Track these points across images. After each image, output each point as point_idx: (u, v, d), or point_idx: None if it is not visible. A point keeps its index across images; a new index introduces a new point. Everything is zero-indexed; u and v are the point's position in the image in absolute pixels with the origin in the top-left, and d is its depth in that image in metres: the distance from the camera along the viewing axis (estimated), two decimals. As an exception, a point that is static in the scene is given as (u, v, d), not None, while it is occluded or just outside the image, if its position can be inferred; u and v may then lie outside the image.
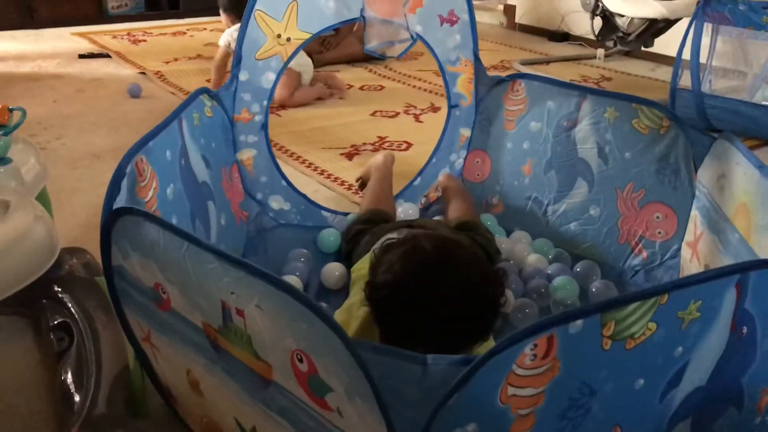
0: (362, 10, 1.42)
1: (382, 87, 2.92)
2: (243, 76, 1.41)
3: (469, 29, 1.52)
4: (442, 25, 1.50)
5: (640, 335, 0.68)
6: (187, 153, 1.19)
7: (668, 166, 1.34)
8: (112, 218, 0.87)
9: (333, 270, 1.34)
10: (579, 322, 0.64)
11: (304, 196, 1.58)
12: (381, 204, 1.49)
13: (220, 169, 1.37)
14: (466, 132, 1.63)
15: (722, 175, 1.20)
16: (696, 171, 1.30)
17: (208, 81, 2.74)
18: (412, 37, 1.47)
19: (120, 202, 0.92)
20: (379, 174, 1.57)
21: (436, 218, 1.54)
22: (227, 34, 2.68)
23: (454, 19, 1.50)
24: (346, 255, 1.39)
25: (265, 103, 1.45)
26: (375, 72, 3.13)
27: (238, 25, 2.64)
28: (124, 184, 0.95)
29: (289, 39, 1.42)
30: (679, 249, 1.34)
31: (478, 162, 1.64)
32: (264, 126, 1.47)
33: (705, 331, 0.74)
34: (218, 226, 1.31)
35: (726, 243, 1.13)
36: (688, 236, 1.31)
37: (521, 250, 1.43)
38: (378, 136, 2.29)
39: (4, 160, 0.93)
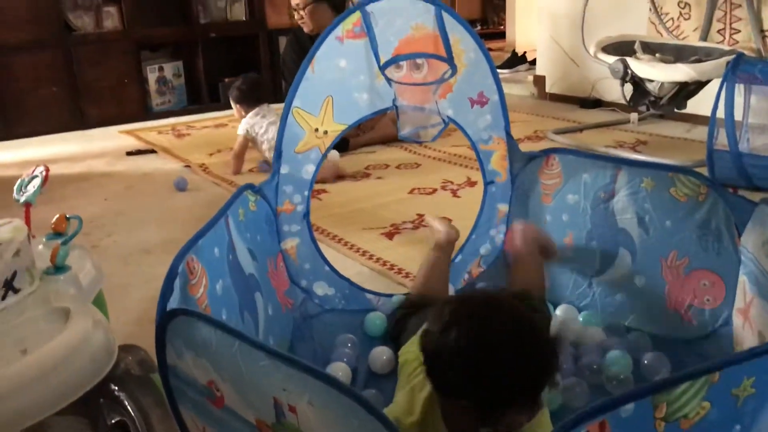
0: (394, 99, 1.48)
1: (418, 165, 2.98)
2: (284, 169, 1.47)
3: (499, 109, 1.56)
4: (472, 107, 1.54)
5: (694, 415, 0.67)
6: (234, 248, 1.24)
7: (710, 232, 1.33)
8: (166, 319, 0.91)
9: (380, 354, 1.35)
10: (630, 405, 0.64)
11: (347, 280, 1.60)
12: (432, 289, 1.48)
13: (266, 260, 1.41)
14: (503, 207, 1.65)
15: (767, 240, 1.19)
16: (739, 236, 1.29)
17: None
18: (444, 120, 1.51)
19: (173, 301, 0.96)
20: (436, 255, 1.55)
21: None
22: (245, 123, 2.92)
23: (484, 100, 1.54)
24: (393, 338, 1.39)
25: (306, 193, 1.50)
26: (410, 150, 3.19)
27: (253, 112, 2.89)
28: (177, 283, 0.99)
29: (326, 132, 1.48)
30: (729, 316, 1.32)
31: (518, 223, 1.64)
32: (306, 215, 1.52)
33: (762, 406, 0.73)
34: (266, 317, 1.33)
35: (778, 309, 1.12)
36: (738, 303, 1.29)
37: (571, 322, 1.41)
38: (417, 214, 2.32)
39: (64, 268, 0.98)
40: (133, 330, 1.58)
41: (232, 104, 3.02)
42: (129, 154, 3.36)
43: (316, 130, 1.47)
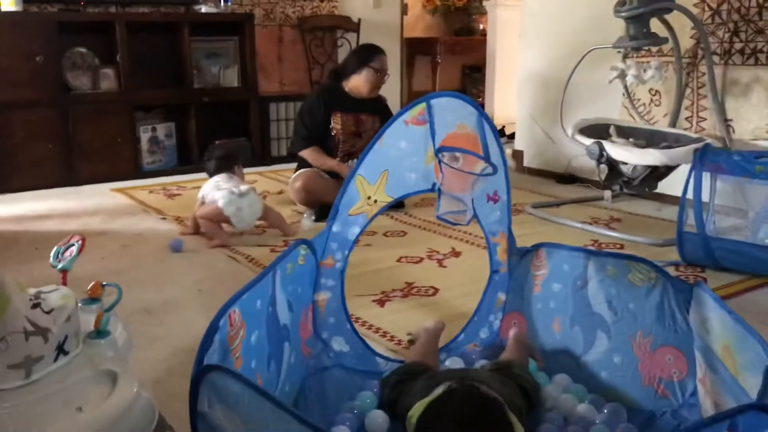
0: (434, 183, 1.63)
1: (405, 233, 3.11)
2: (336, 227, 1.62)
3: (506, 208, 1.73)
4: (488, 202, 1.71)
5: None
6: (275, 300, 1.36)
7: (665, 312, 1.50)
8: (202, 372, 0.98)
9: (376, 418, 1.44)
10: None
11: (364, 342, 1.72)
12: (426, 359, 1.61)
13: (301, 311, 1.53)
14: (502, 296, 1.81)
15: (705, 319, 1.36)
16: (689, 314, 1.46)
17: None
18: (473, 210, 1.67)
19: (212, 353, 1.05)
20: (428, 335, 1.74)
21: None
22: (203, 188, 3.10)
23: (497, 198, 1.71)
24: (389, 403, 1.48)
25: (346, 252, 1.64)
26: (396, 219, 3.33)
27: (213, 179, 3.09)
28: (217, 336, 1.07)
29: (375, 201, 1.64)
30: (695, 386, 1.45)
31: (515, 323, 1.80)
32: (342, 272, 1.65)
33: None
34: (288, 364, 1.44)
35: (722, 381, 1.26)
36: (699, 374, 1.43)
37: (567, 400, 1.51)
38: (405, 282, 2.43)
39: (105, 333, 1.07)
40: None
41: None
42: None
43: (369, 197, 1.63)
